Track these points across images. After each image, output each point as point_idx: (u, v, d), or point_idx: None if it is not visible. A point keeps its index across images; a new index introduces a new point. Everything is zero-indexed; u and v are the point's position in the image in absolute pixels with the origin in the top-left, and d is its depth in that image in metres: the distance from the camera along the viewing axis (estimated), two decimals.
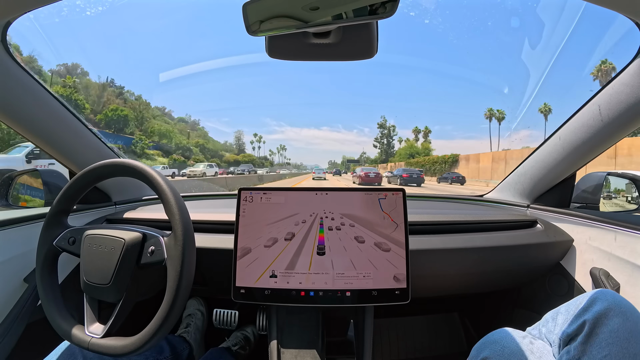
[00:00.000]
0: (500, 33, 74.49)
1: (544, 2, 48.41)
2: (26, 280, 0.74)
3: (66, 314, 0.61)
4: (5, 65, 0.64)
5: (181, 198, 0.59)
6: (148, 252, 0.59)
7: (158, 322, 0.54)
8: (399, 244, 0.68)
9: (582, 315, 0.49)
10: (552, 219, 0.93)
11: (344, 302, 0.66)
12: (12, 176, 0.95)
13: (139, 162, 0.63)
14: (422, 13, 73.15)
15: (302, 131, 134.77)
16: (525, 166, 1.01)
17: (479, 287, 1.00)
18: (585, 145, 0.79)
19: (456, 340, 1.32)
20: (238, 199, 0.70)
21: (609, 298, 0.49)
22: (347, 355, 0.72)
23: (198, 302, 1.19)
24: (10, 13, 0.55)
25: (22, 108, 0.71)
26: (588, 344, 0.46)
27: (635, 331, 0.45)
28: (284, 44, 0.57)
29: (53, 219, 0.65)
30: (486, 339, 0.60)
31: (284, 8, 0.47)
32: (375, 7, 0.45)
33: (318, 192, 0.71)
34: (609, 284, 0.72)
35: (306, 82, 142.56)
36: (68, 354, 0.63)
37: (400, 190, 0.71)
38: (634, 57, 0.64)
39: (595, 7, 0.51)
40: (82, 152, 0.88)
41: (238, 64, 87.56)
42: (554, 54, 34.72)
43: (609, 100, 0.70)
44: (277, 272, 0.66)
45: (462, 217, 0.90)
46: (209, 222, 0.82)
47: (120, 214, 0.92)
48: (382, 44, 0.55)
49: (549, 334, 0.56)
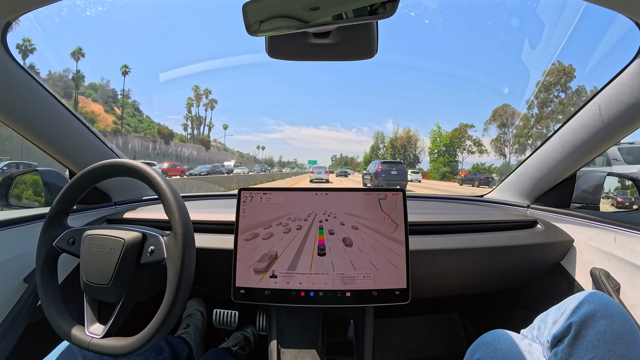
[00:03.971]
0: (500, 33, 74.58)
1: (544, 2, 48.46)
2: (26, 281, 0.74)
3: (66, 315, 0.61)
4: (5, 65, 0.64)
5: (181, 198, 0.59)
6: (148, 252, 0.59)
7: (158, 322, 0.53)
8: (399, 244, 0.68)
9: (570, 317, 0.49)
10: (552, 219, 0.93)
11: (344, 303, 0.66)
12: (12, 176, 0.96)
13: (139, 162, 0.63)
14: (422, 13, 73.25)
15: (300, 130, 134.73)
16: (526, 166, 1.01)
17: (479, 287, 1.00)
18: (585, 145, 0.79)
19: (456, 341, 1.32)
20: (238, 199, 0.70)
21: (597, 300, 0.49)
22: (347, 355, 0.72)
23: (198, 302, 1.19)
24: (10, 13, 0.55)
25: (22, 108, 0.71)
26: (575, 347, 0.46)
27: (622, 333, 0.45)
28: (284, 44, 0.57)
29: (53, 219, 0.65)
30: (480, 341, 0.61)
31: (284, 8, 0.47)
32: (375, 7, 0.45)
33: (318, 193, 0.71)
34: (609, 285, 0.72)
35: (305, 82, 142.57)
36: (68, 354, 0.63)
37: (401, 190, 0.71)
38: (634, 57, 0.64)
39: (595, 7, 0.51)
40: (82, 152, 0.88)
41: (238, 64, 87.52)
42: (554, 54, 34.77)
43: (609, 100, 0.70)
44: (277, 273, 0.66)
45: (463, 217, 0.90)
46: (209, 222, 0.82)
47: (120, 214, 0.92)
48: (382, 44, 0.55)
49: (541, 336, 0.56)
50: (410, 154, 53.53)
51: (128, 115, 46.86)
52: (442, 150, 42.31)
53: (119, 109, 46.04)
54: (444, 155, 41.78)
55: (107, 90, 47.23)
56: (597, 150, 0.79)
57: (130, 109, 48.20)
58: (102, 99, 45.30)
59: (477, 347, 0.60)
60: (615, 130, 0.72)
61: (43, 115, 0.75)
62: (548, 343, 0.52)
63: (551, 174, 0.92)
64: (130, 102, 48.89)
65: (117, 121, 43.49)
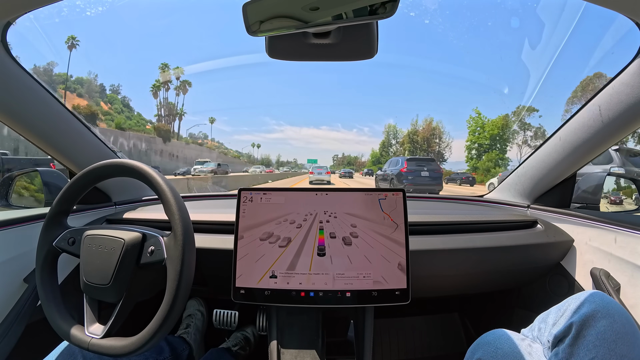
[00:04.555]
0: (500, 33, 74.58)
1: (544, 2, 48.38)
2: (26, 281, 0.74)
3: (66, 315, 0.61)
4: (5, 65, 0.64)
5: (181, 198, 0.59)
6: (148, 252, 0.59)
7: (158, 322, 0.53)
8: (399, 245, 0.68)
9: (570, 317, 0.49)
10: (552, 219, 0.93)
11: (343, 303, 0.66)
12: (12, 176, 0.96)
13: (139, 163, 0.63)
14: (422, 13, 73.18)
15: (301, 130, 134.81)
16: (526, 166, 1.01)
17: (479, 287, 1.00)
18: (586, 145, 0.79)
19: (456, 341, 1.32)
20: (238, 199, 0.70)
21: (597, 300, 0.49)
22: (347, 355, 0.72)
23: (198, 302, 1.19)
24: (10, 13, 0.55)
25: (22, 108, 0.71)
26: (575, 347, 0.46)
27: (623, 333, 0.45)
28: (284, 44, 0.57)
29: (53, 219, 0.65)
30: (480, 340, 0.61)
31: (284, 8, 0.47)
32: (375, 7, 0.45)
33: (318, 193, 0.71)
34: (610, 285, 0.72)
35: (306, 82, 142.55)
36: (68, 354, 0.63)
37: (401, 190, 0.71)
38: (634, 57, 0.64)
39: (595, 7, 0.51)
40: (82, 152, 0.88)
41: (238, 64, 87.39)
42: (554, 54, 34.73)
43: (609, 100, 0.70)
44: (277, 273, 0.66)
45: (463, 217, 0.90)
46: (209, 223, 0.82)
47: (120, 214, 0.92)
48: (382, 44, 0.55)
49: (541, 336, 0.56)
50: (434, 149, 42.09)
51: (116, 111, 44.32)
52: (486, 144, 30.29)
53: (107, 104, 43.87)
54: (489, 149, 29.86)
55: (94, 85, 45.23)
56: (597, 150, 0.79)
57: (118, 104, 45.96)
58: (88, 93, 43.29)
59: (477, 347, 0.60)
60: (615, 130, 0.72)
61: (43, 115, 0.75)
62: (549, 343, 0.52)
63: (551, 174, 0.92)
64: (119, 98, 46.43)
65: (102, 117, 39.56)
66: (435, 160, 11.06)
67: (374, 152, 61.34)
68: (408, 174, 9.50)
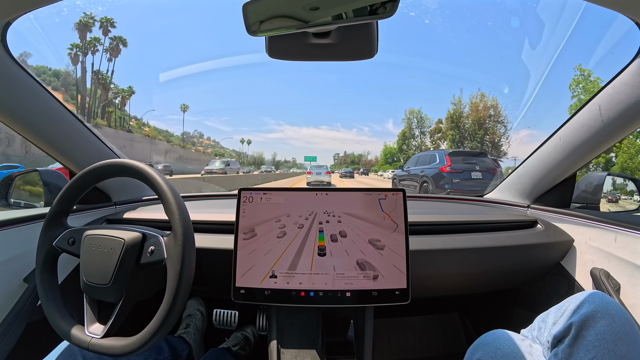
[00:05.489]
0: (500, 33, 74.54)
1: (544, 2, 48.36)
2: (26, 280, 0.74)
3: (66, 314, 0.61)
4: (5, 65, 0.64)
5: (181, 198, 0.59)
6: (148, 252, 0.59)
7: (158, 322, 0.53)
8: (399, 245, 0.68)
9: (570, 317, 0.49)
10: (552, 219, 0.93)
11: (343, 303, 0.66)
12: (12, 176, 0.96)
13: (139, 162, 0.63)
14: (422, 13, 73.18)
15: (301, 130, 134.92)
16: (526, 166, 1.01)
17: (479, 287, 1.00)
18: (586, 145, 0.79)
19: (456, 341, 1.32)
20: (238, 199, 0.70)
21: (597, 300, 0.49)
22: (347, 355, 0.72)
23: (198, 302, 1.19)
24: (10, 13, 0.55)
25: (22, 108, 0.71)
26: (575, 347, 0.46)
27: (622, 333, 0.45)
28: (284, 44, 0.57)
29: (53, 219, 0.65)
30: (480, 341, 0.61)
31: (284, 8, 0.47)
32: (375, 7, 0.45)
33: (318, 193, 0.71)
34: (610, 285, 0.72)
35: (306, 82, 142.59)
36: (68, 354, 0.63)
37: (401, 190, 0.71)
38: (634, 57, 0.64)
39: (595, 7, 0.51)
40: (82, 152, 0.88)
41: (238, 64, 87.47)
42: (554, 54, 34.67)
43: (609, 100, 0.70)
44: (277, 273, 0.66)
45: (463, 217, 0.90)
46: (209, 222, 0.82)
47: (120, 214, 0.92)
48: (382, 44, 0.55)
49: (541, 336, 0.56)
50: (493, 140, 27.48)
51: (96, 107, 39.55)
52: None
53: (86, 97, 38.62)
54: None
55: (71, 78, 40.78)
56: (597, 150, 0.79)
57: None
58: (64, 86, 39.85)
59: (477, 347, 0.60)
60: (615, 130, 0.72)
61: (43, 115, 0.75)
62: (548, 343, 0.52)
63: (551, 174, 0.92)
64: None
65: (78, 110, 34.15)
66: (486, 154, 7.75)
67: (388, 148, 49.61)
68: (453, 175, 6.42)
